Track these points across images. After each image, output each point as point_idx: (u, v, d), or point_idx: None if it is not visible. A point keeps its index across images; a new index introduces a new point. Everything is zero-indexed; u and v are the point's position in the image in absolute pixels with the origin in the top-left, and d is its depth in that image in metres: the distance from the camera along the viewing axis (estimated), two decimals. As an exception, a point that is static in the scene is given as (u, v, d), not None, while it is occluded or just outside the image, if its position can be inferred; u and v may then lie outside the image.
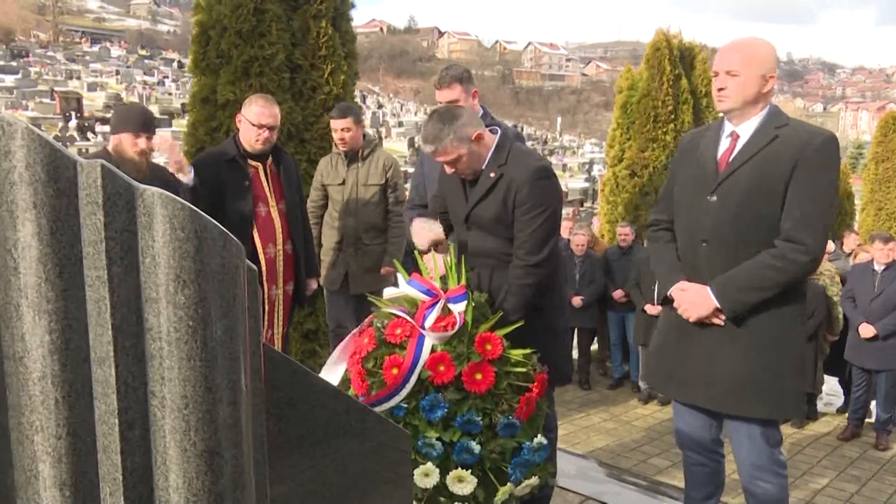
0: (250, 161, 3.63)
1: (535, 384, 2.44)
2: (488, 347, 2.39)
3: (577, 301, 7.37)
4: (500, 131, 2.73)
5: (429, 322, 2.41)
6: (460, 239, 2.76)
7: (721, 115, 2.53)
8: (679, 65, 9.26)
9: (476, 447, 2.32)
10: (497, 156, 2.65)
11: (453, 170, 2.66)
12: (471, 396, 2.36)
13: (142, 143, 3.28)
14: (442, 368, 2.34)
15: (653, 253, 2.73)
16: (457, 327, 2.41)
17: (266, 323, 3.70)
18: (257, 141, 3.56)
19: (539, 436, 2.44)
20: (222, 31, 4.95)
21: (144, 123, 3.33)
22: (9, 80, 37.95)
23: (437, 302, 2.46)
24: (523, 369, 2.43)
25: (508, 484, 2.36)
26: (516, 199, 2.57)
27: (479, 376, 2.35)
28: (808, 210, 2.29)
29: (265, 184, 3.68)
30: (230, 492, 1.10)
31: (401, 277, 2.66)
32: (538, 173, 2.60)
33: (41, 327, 1.02)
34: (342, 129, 4.38)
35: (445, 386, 2.35)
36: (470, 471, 2.33)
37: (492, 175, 2.63)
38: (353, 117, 4.42)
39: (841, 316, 6.26)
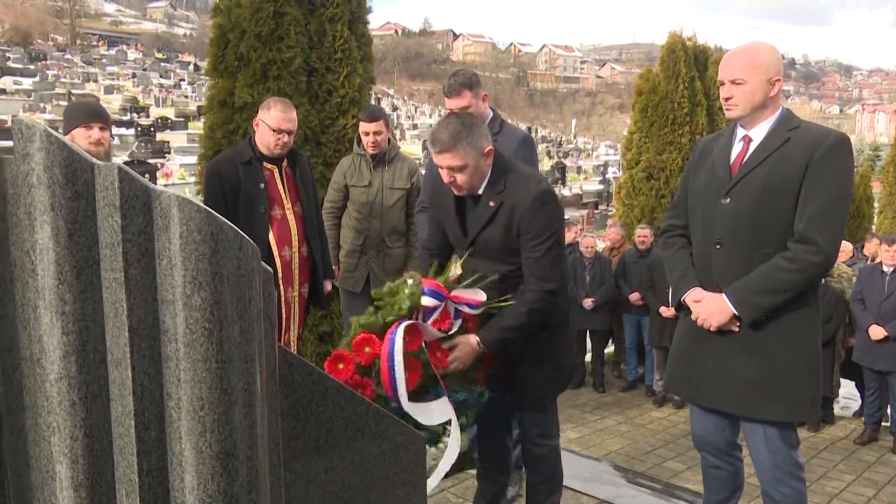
0: (266, 164, 3.63)
1: (471, 323, 2.54)
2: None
3: (588, 303, 7.34)
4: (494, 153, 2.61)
5: (429, 321, 2.44)
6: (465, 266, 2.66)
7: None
8: (694, 67, 9.21)
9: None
10: (495, 182, 2.56)
11: (452, 179, 2.52)
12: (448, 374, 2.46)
13: (94, 133, 3.12)
14: (407, 374, 2.35)
15: (666, 259, 2.72)
16: (454, 328, 2.47)
17: (283, 325, 3.70)
18: (276, 146, 3.56)
19: (480, 387, 2.57)
20: (241, 35, 4.97)
21: (93, 114, 3.19)
22: (27, 82, 38.39)
23: (440, 306, 2.47)
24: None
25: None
26: (521, 226, 2.51)
27: (438, 354, 2.44)
28: (821, 210, 2.29)
29: (281, 186, 3.68)
30: (245, 493, 1.10)
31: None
32: (541, 199, 2.52)
33: (58, 329, 1.03)
34: (374, 133, 4.37)
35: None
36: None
37: (491, 204, 2.54)
38: (383, 120, 4.43)
39: (859, 319, 6.23)
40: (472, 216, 2.62)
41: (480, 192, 2.57)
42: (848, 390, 7.09)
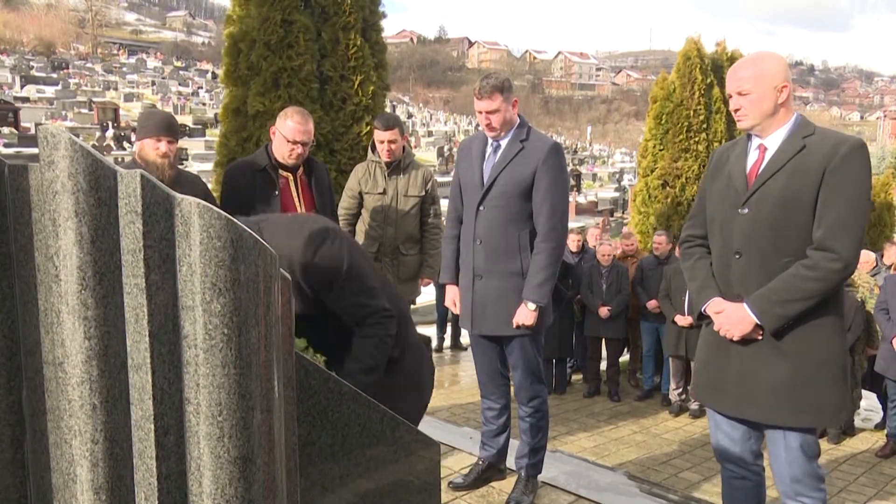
0: (281, 171, 3.66)
1: None
2: None
3: (604, 312, 7.31)
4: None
5: None
6: None
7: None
8: (711, 73, 9.17)
9: None
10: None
11: None
12: None
13: (162, 146, 3.33)
14: None
15: (686, 269, 2.71)
16: None
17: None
18: (290, 156, 3.59)
19: None
20: (252, 44, 5.03)
21: (165, 127, 3.38)
22: (49, 91, 39.04)
23: None
24: None
25: None
26: (329, 283, 2.14)
27: None
28: (839, 217, 2.28)
29: (295, 194, 3.70)
30: (262, 498, 1.11)
31: None
32: (324, 247, 2.14)
33: (80, 333, 1.04)
34: (389, 141, 4.38)
35: None
36: None
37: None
38: (398, 128, 4.44)
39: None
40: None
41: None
42: (870, 402, 7.01)
